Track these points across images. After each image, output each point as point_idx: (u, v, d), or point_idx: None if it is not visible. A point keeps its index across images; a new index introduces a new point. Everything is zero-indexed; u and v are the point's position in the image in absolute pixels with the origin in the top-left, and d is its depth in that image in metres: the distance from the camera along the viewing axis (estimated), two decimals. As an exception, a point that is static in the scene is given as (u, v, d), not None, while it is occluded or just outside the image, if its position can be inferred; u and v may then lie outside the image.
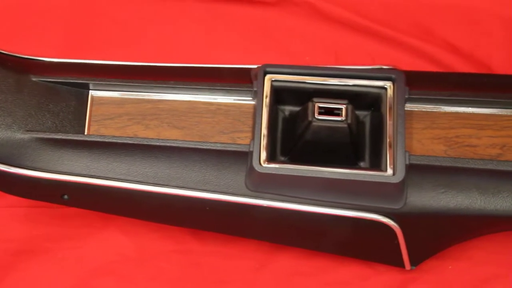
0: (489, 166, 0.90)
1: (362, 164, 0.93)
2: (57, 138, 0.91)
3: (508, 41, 1.08)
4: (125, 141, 0.91)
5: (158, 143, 0.91)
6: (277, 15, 1.10)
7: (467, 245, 0.97)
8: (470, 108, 0.94)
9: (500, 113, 0.94)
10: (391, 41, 1.09)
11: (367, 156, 0.93)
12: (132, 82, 0.93)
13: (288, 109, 0.95)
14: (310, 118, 0.89)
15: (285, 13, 1.10)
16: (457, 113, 0.94)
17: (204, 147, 0.91)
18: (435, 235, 0.93)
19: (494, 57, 1.08)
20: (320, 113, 0.89)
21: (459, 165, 0.90)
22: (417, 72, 0.99)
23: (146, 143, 0.91)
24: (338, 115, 0.89)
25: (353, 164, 0.92)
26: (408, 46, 1.08)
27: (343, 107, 0.89)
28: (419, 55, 1.08)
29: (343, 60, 1.07)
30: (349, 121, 0.89)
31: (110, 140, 0.91)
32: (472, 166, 0.90)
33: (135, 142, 0.91)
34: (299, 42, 1.09)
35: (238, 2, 1.10)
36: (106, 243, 1.00)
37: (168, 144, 0.91)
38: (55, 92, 0.93)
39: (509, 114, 0.94)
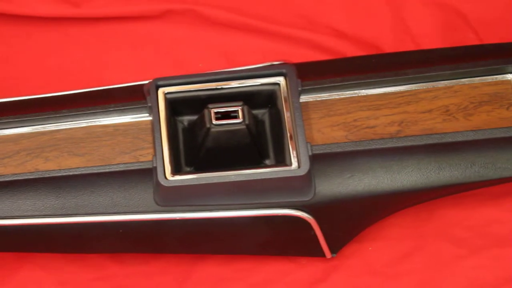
0: (390, 144, 0.91)
1: (267, 161, 0.93)
2: None
3: (393, 19, 1.09)
4: (27, 177, 0.90)
5: (60, 174, 0.90)
6: (163, 27, 1.10)
7: (383, 224, 0.98)
8: (363, 91, 0.95)
9: (393, 91, 0.95)
10: (279, 36, 1.09)
11: (271, 153, 0.94)
12: (25, 117, 0.92)
13: (186, 119, 0.95)
14: (208, 125, 0.89)
15: (170, 24, 1.10)
16: (351, 97, 0.95)
17: (107, 170, 0.90)
18: (350, 220, 0.94)
19: (382, 37, 1.09)
20: (217, 118, 0.89)
21: (361, 148, 0.91)
22: (308, 63, 1.00)
23: (48, 175, 0.90)
24: (235, 117, 0.89)
25: (259, 163, 0.92)
26: (296, 39, 1.09)
27: (239, 108, 0.90)
28: (308, 45, 1.09)
29: (235, 62, 1.08)
30: (246, 121, 0.89)
31: (10, 178, 0.90)
32: (374, 146, 0.91)
33: (37, 177, 0.90)
34: (190, 51, 1.09)
35: (121, 20, 1.10)
36: (26, 282, 0.98)
37: (70, 173, 0.90)
38: None
39: (401, 90, 0.95)
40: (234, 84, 0.93)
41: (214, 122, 0.89)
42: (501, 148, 0.92)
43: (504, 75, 0.96)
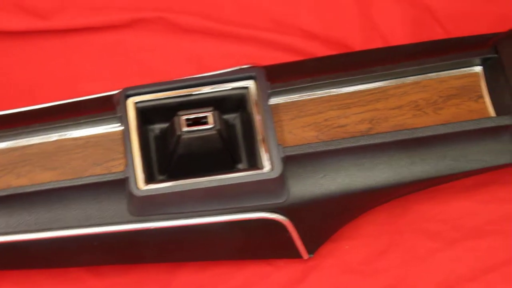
0: (361, 142, 0.91)
1: (240, 165, 0.93)
2: None
3: (361, 16, 1.09)
4: None
5: (33, 189, 0.90)
6: (134, 36, 1.10)
7: (358, 221, 0.99)
8: (333, 90, 0.95)
9: (362, 89, 0.96)
10: (249, 39, 1.09)
11: (244, 157, 0.94)
12: (-7, 133, 0.92)
13: (157, 127, 0.95)
14: (178, 132, 0.89)
15: (141, 33, 1.10)
16: (321, 97, 0.95)
17: (80, 182, 0.90)
18: (325, 219, 0.94)
19: (351, 35, 1.09)
20: (188, 125, 0.89)
21: (333, 147, 0.91)
22: (277, 65, 1.00)
23: (21, 191, 0.90)
24: (205, 123, 0.90)
25: (232, 168, 0.93)
26: (266, 41, 1.09)
27: (209, 114, 0.90)
28: (279, 47, 1.09)
29: (206, 68, 1.08)
30: (217, 127, 0.89)
31: (-17, 196, 0.89)
32: (345, 145, 0.91)
33: (10, 193, 0.90)
34: (161, 59, 1.09)
35: (91, 30, 1.09)
36: (4, 301, 0.98)
37: (43, 188, 0.90)
38: None
39: (370, 88, 0.96)
40: (204, 90, 0.93)
41: (185, 129, 0.89)
42: (472, 141, 0.93)
43: (471, 68, 0.96)
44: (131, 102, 0.93)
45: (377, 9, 1.10)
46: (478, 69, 0.96)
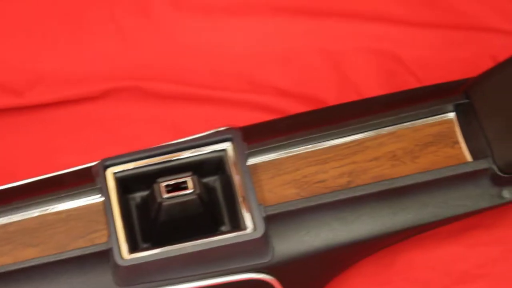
0: (341, 196, 0.92)
1: (223, 228, 0.93)
2: None
3: (334, 71, 1.11)
4: None
5: (16, 267, 0.89)
6: (109, 106, 1.10)
7: (346, 274, 0.98)
8: (309, 146, 0.96)
9: (339, 143, 0.96)
10: (224, 102, 1.10)
11: (226, 219, 0.94)
12: (-25, 214, 0.92)
13: (138, 195, 0.95)
14: (159, 199, 0.89)
15: (114, 102, 1.10)
16: (298, 154, 0.96)
17: (64, 257, 0.90)
18: (311, 275, 0.94)
19: (325, 90, 1.10)
20: (168, 191, 0.90)
21: (313, 203, 0.91)
22: (253, 125, 1.00)
23: (4, 270, 0.89)
24: (185, 188, 0.90)
25: (215, 231, 0.92)
26: (241, 102, 1.10)
27: (189, 179, 0.90)
28: (254, 107, 1.10)
29: (184, 133, 1.07)
30: (197, 191, 0.90)
31: (-34, 278, 0.89)
32: (326, 200, 0.92)
33: (-7, 272, 0.89)
34: (137, 127, 1.10)
35: (66, 102, 1.10)
36: None
37: (27, 265, 0.89)
38: None
39: (347, 141, 0.96)
40: (182, 155, 0.94)
41: (165, 195, 0.89)
42: (451, 187, 0.93)
43: (445, 114, 0.97)
44: (110, 173, 0.93)
45: (348, 63, 1.11)
46: (451, 115, 0.97)
